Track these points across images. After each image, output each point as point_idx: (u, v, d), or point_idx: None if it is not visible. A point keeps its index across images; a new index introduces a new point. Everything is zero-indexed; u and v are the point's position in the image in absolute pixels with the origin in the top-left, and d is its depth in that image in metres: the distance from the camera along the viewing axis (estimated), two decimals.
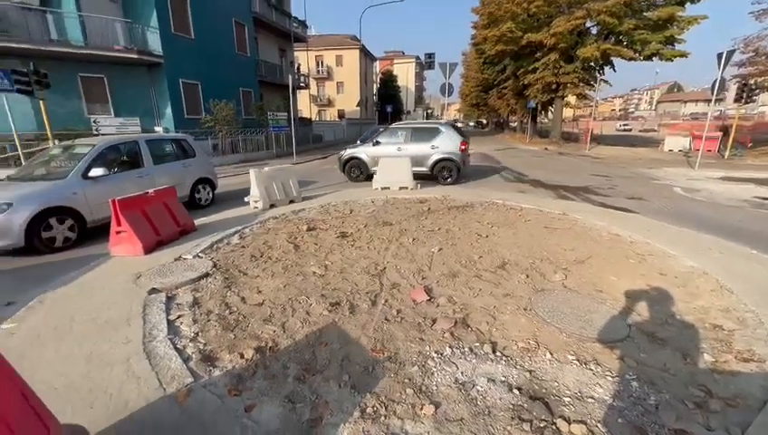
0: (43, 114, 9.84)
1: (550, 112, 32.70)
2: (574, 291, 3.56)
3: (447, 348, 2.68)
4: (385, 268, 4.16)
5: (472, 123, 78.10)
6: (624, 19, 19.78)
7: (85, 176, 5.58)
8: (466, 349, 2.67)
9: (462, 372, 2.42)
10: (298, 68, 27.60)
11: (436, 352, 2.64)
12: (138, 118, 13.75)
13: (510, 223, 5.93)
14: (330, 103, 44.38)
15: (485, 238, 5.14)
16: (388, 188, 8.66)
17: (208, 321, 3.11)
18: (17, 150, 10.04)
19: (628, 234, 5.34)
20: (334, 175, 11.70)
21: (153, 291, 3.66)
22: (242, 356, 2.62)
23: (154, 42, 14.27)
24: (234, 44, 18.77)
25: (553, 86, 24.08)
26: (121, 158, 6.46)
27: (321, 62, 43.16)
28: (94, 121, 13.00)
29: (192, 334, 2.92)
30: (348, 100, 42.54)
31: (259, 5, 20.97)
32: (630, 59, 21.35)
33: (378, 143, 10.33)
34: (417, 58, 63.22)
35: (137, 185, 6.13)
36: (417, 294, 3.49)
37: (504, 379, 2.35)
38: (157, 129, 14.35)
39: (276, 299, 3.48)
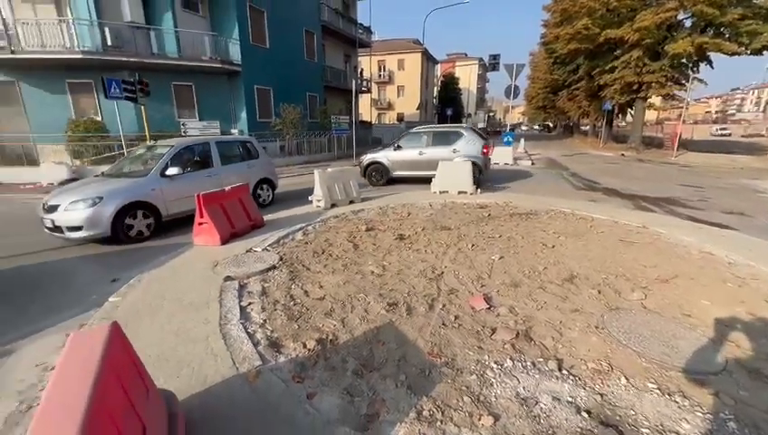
0: (144, 118, 11.34)
1: (629, 115, 29.82)
2: (656, 313, 3.20)
3: (508, 360, 2.57)
4: (442, 273, 4.11)
5: (537, 127, 73.98)
6: (727, 9, 17.36)
7: (162, 174, 6.13)
8: (529, 363, 2.54)
9: (524, 387, 2.31)
10: (361, 73, 28.43)
11: (495, 363, 2.55)
12: (218, 121, 15.18)
13: (579, 234, 5.51)
14: (390, 107, 45.02)
15: (551, 249, 4.84)
16: (447, 191, 8.55)
17: (275, 310, 3.33)
18: (123, 149, 11.66)
19: (724, 253, 4.67)
20: None
21: (228, 278, 4.01)
22: (304, 346, 2.77)
23: (234, 52, 15.67)
24: (303, 52, 19.91)
25: (634, 86, 21.91)
26: (194, 158, 6.95)
27: (383, 67, 43.97)
28: (183, 124, 14.62)
29: (261, 321, 3.15)
30: (408, 103, 42.82)
31: (327, 14, 22.01)
32: (733, 54, 18.67)
33: (399, 147, 10.32)
34: (481, 60, 61.59)
35: (206, 184, 6.54)
36: (476, 301, 3.40)
37: (570, 399, 2.20)
38: (233, 131, 15.74)
39: (336, 295, 3.62)
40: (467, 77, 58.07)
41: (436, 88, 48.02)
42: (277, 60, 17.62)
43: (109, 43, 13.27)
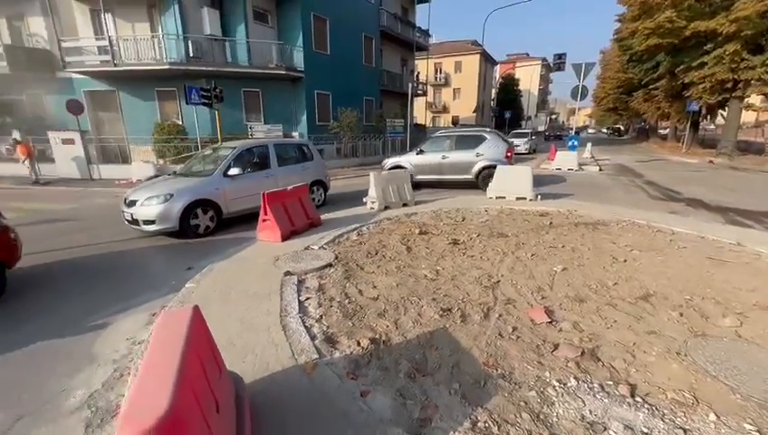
0: (217, 122, 12.41)
1: (719, 117, 26.37)
2: (754, 343, 2.78)
3: (572, 379, 2.40)
4: (499, 281, 3.96)
5: (605, 130, 68.36)
6: None
7: (225, 174, 6.51)
8: (596, 385, 2.34)
9: (590, 410, 2.14)
10: (417, 76, 28.47)
11: (557, 381, 2.39)
12: (280, 124, 16.14)
13: (657, 248, 4.98)
14: (445, 109, 44.53)
15: (623, 263, 4.43)
16: (504, 197, 8.22)
17: (330, 307, 3.44)
18: (198, 150, 12.88)
19: None
20: None
21: (287, 273, 4.23)
22: (358, 344, 2.83)
23: (298, 59, 16.57)
24: (362, 57, 20.45)
25: (728, 84, 19.30)
26: (253, 159, 7.30)
27: (440, 69, 43.63)
28: (250, 127, 15.77)
29: (317, 316, 3.28)
30: (464, 105, 42.02)
31: (387, 19, 22.39)
32: None
33: (421, 152, 10.16)
34: (544, 60, 58.52)
35: (263, 184, 6.88)
36: (536, 313, 3.22)
37: (646, 430, 1.99)
38: (293, 133, 16.61)
39: (390, 296, 3.64)
40: (528, 78, 55.49)
41: (494, 90, 46.51)
42: (337, 65, 18.29)
43: (191, 54, 14.75)
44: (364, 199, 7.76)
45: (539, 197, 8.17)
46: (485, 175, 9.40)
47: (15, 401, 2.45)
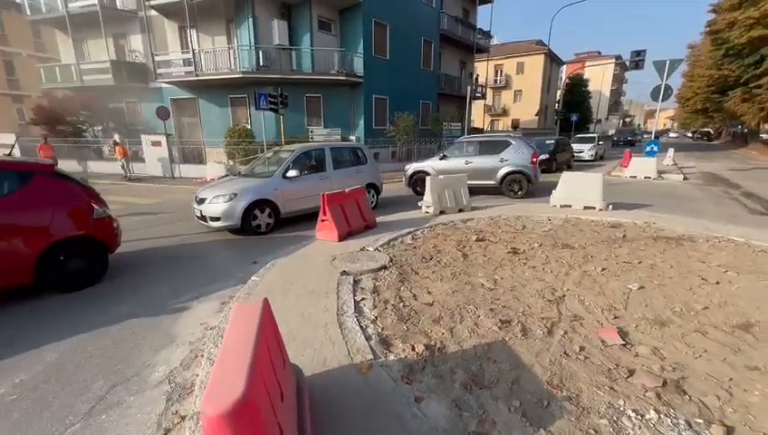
0: (281, 126, 13.19)
1: None
2: None
3: (651, 411, 2.15)
4: (564, 296, 3.69)
5: (690, 133, 60.90)
6: None
7: (284, 176, 6.77)
8: (682, 421, 2.07)
9: None
10: (476, 79, 27.80)
11: (633, 411, 2.15)
12: (339, 128, 16.73)
13: (759, 271, 4.30)
14: (504, 113, 42.90)
15: (714, 285, 3.89)
16: (570, 206, 7.68)
17: (385, 309, 3.47)
18: (263, 152, 13.79)
19: None
20: None
21: (344, 273, 4.35)
22: (413, 349, 2.80)
23: (358, 65, 17.06)
24: (420, 61, 20.48)
25: None
26: (311, 162, 7.55)
27: (500, 71, 42.14)
28: (311, 131, 16.55)
29: (372, 317, 3.32)
30: (525, 109, 40.14)
31: (447, 22, 22.19)
32: None
33: (445, 157, 9.99)
34: (618, 58, 53.80)
35: (318, 186, 7.10)
36: (607, 333, 2.95)
37: None
38: (351, 137, 17.10)
39: (445, 303, 3.57)
40: (599, 78, 51.50)
41: (559, 91, 43.82)
42: (395, 70, 18.51)
43: (261, 63, 15.88)
44: (419, 203, 7.72)
45: (610, 207, 7.50)
46: (510, 181, 9.48)
47: (112, 371, 2.80)
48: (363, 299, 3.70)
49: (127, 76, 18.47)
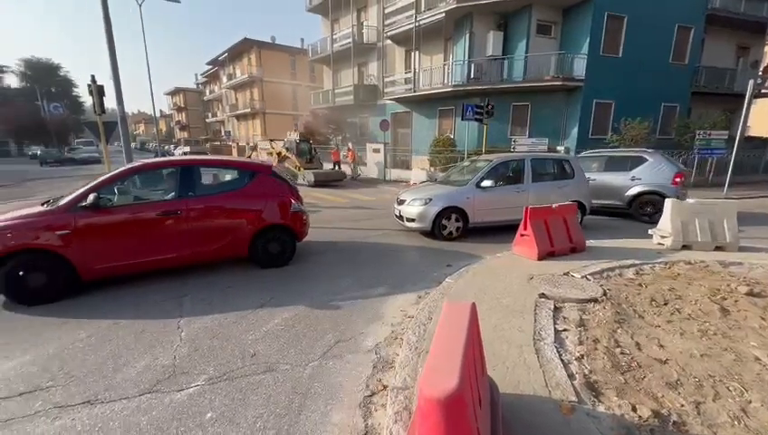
0: (484, 136, 13.26)
1: None
2: None
3: None
4: None
5: None
6: None
7: (478, 185, 6.73)
8: None
9: None
10: (764, 69, 19.81)
11: None
12: (546, 138, 15.40)
13: None
14: None
15: None
16: None
17: (595, 349, 2.93)
18: (463, 161, 14.25)
19: None
20: None
21: (542, 296, 3.95)
22: (634, 409, 2.25)
23: (578, 67, 15.14)
24: (668, 54, 16.27)
25: None
26: (507, 173, 7.28)
27: None
28: (513, 141, 15.94)
29: (577, 354, 2.87)
30: None
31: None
32: None
33: None
34: None
35: (513, 199, 6.72)
36: None
37: None
38: (559, 148, 15.42)
39: (686, 366, 2.70)
40: None
41: None
42: (628, 69, 15.42)
43: (471, 75, 16.46)
44: (650, 231, 6.16)
45: None
46: (641, 202, 8.52)
47: (336, 330, 3.51)
48: (566, 330, 3.25)
49: (362, 96, 22.91)
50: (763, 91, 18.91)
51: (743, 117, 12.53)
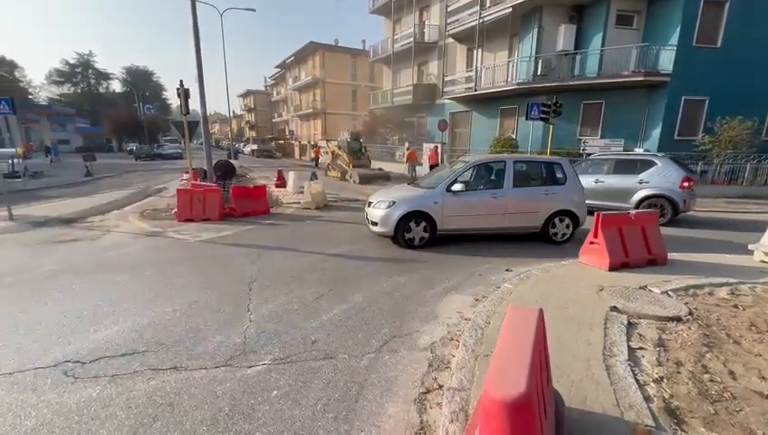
0: (549, 136, 12.48)
1: None
2: None
3: None
4: None
5: None
6: None
7: (448, 189, 6.12)
8: None
9: None
10: None
11: None
12: (622, 139, 14.08)
13: None
14: None
15: None
16: None
17: (678, 373, 2.64)
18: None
19: None
20: None
21: (614, 309, 3.64)
22: None
23: (665, 61, 13.59)
24: None
25: None
26: (485, 177, 6.64)
27: None
28: (583, 142, 14.83)
29: (656, 376, 2.60)
30: None
31: None
32: None
33: None
34: None
35: (487, 206, 6.19)
36: None
37: None
38: (636, 150, 13.97)
39: None
40: None
41: None
42: (729, 61, 13.48)
43: (539, 72, 15.57)
44: (751, 246, 5.36)
45: None
46: (648, 205, 8.34)
47: (392, 325, 3.57)
48: (641, 348, 2.97)
49: (421, 96, 22.79)
50: None
51: None
